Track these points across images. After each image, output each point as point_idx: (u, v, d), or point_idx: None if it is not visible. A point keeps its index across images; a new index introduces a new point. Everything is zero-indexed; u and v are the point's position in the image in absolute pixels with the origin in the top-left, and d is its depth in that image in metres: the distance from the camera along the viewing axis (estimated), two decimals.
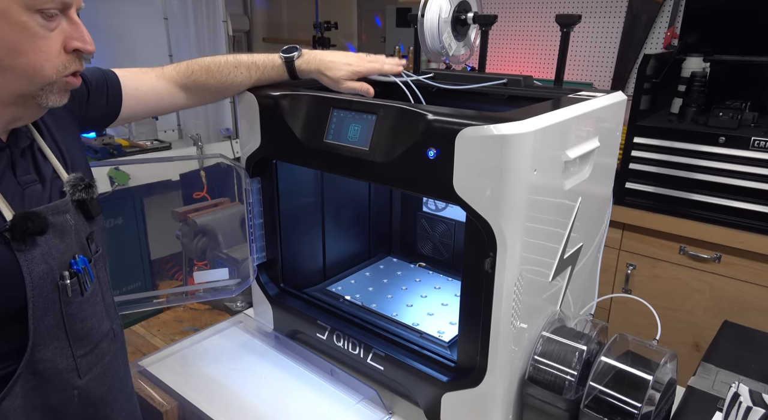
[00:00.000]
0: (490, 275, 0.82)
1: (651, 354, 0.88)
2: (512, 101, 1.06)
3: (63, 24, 0.72)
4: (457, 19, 1.15)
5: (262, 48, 4.28)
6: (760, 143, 1.67)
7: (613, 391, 0.84)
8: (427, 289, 1.32)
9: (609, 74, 2.49)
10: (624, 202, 1.95)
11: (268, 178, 1.16)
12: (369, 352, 1.04)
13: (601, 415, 0.84)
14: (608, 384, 0.85)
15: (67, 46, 0.73)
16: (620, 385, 0.85)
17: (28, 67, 0.70)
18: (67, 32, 0.73)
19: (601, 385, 0.85)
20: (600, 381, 0.86)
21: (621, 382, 0.85)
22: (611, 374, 0.86)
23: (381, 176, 0.92)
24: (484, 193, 0.78)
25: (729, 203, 1.76)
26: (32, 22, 0.68)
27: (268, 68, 1.09)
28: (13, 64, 0.69)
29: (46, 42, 0.71)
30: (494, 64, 2.79)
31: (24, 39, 0.69)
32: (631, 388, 0.84)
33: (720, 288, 1.83)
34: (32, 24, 0.69)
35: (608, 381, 0.86)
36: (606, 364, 0.87)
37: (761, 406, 0.84)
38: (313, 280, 1.33)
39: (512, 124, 0.75)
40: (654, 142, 1.87)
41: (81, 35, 0.74)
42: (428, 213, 1.44)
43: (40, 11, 0.69)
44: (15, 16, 0.67)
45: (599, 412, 0.84)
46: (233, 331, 1.28)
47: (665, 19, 2.30)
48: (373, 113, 0.91)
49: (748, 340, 1.06)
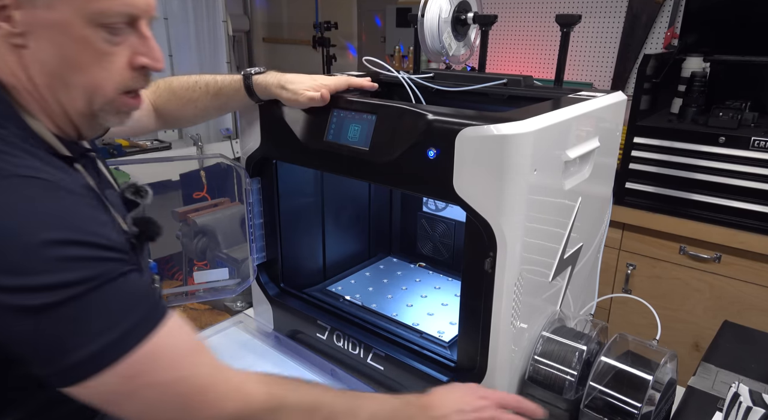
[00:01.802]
0: (490, 275, 0.82)
1: (651, 354, 0.88)
2: (512, 101, 1.06)
3: (131, 37, 0.67)
4: (457, 19, 1.15)
5: (262, 48, 4.28)
6: (760, 143, 1.67)
7: (613, 391, 0.84)
8: (427, 289, 1.32)
9: (609, 74, 2.49)
10: (624, 202, 1.95)
11: (268, 178, 1.16)
12: (369, 352, 1.04)
13: (601, 415, 0.84)
14: (608, 384, 0.85)
15: (133, 61, 0.68)
16: (620, 385, 0.85)
17: (87, 84, 0.66)
18: (134, 46, 0.67)
19: (601, 385, 0.85)
20: (600, 381, 0.85)
21: (621, 382, 0.85)
22: (611, 374, 0.86)
23: (381, 176, 0.92)
24: (484, 193, 0.78)
25: (729, 203, 1.76)
26: (95, 37, 0.64)
27: (226, 83, 1.02)
28: (73, 81, 0.65)
29: (109, 58, 0.66)
30: (494, 64, 2.79)
31: (85, 55, 0.64)
32: (631, 388, 0.84)
33: (720, 288, 1.83)
34: (95, 39, 0.64)
35: (608, 381, 0.86)
36: (606, 364, 0.87)
37: (761, 406, 0.84)
38: (313, 280, 1.33)
39: (512, 124, 0.75)
40: (654, 142, 1.87)
41: (150, 50, 0.69)
42: (428, 213, 1.44)
43: (104, 26, 0.64)
44: (76, 31, 0.63)
45: (599, 412, 0.84)
46: (233, 331, 1.28)
47: (665, 19, 2.30)
48: (374, 113, 0.91)
49: (748, 340, 1.06)
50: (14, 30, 0.62)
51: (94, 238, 0.58)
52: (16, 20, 0.61)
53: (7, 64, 0.64)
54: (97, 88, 0.67)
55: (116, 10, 0.64)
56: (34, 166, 0.60)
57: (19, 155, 0.60)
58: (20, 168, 0.58)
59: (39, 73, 0.64)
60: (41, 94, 0.66)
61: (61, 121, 0.69)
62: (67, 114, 0.68)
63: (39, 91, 0.65)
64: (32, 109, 0.66)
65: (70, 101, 0.67)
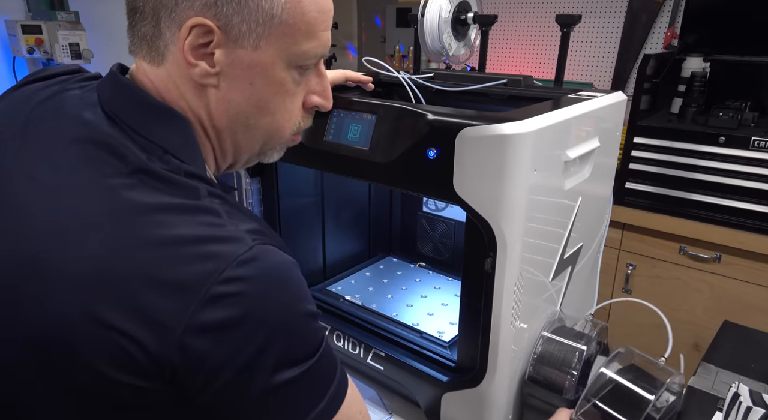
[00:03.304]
0: (490, 275, 0.82)
1: (657, 372, 0.84)
2: (512, 101, 1.06)
3: (311, 77, 0.65)
4: (457, 19, 1.15)
5: None
6: (760, 143, 1.67)
7: (610, 408, 0.80)
8: (427, 289, 1.32)
9: (609, 74, 2.49)
10: (624, 202, 1.95)
11: (268, 178, 1.16)
12: (369, 352, 1.04)
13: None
14: (605, 398, 0.81)
15: (306, 102, 0.65)
16: (618, 402, 0.80)
17: (270, 126, 0.63)
18: (310, 86, 0.65)
19: (598, 397, 0.81)
20: (596, 394, 0.82)
21: (619, 399, 0.81)
22: (609, 388, 0.82)
23: (381, 176, 0.92)
24: (484, 193, 0.78)
25: (729, 203, 1.76)
26: (288, 79, 0.61)
27: None
28: (258, 123, 0.62)
29: (292, 99, 0.63)
30: (494, 64, 2.79)
31: (276, 97, 0.61)
32: (629, 405, 0.80)
33: (720, 288, 1.83)
34: (288, 81, 0.61)
35: (606, 395, 0.82)
36: (605, 377, 0.83)
37: (761, 406, 0.84)
38: (313, 280, 1.33)
39: (512, 124, 0.75)
40: (654, 142, 1.87)
41: (324, 90, 0.66)
42: (428, 213, 1.44)
43: (299, 67, 0.61)
44: (276, 73, 0.60)
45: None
46: None
47: (665, 19, 2.30)
48: (374, 113, 0.91)
49: (748, 340, 1.07)
50: (211, 70, 0.58)
51: (315, 308, 0.57)
52: (215, 59, 0.57)
53: (188, 101, 0.60)
54: (279, 129, 0.64)
55: (316, 52, 0.62)
56: (255, 228, 0.55)
57: (234, 214, 0.55)
58: (251, 234, 0.54)
59: (223, 114, 0.61)
60: (219, 134, 0.62)
61: (223, 161, 0.66)
62: (236, 154, 0.65)
63: (217, 131, 0.62)
64: (204, 150, 0.62)
65: (248, 143, 0.64)
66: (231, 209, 0.56)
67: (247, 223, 0.55)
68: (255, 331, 0.50)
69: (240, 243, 0.52)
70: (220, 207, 0.55)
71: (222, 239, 0.51)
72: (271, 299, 0.51)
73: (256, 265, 0.51)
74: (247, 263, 0.50)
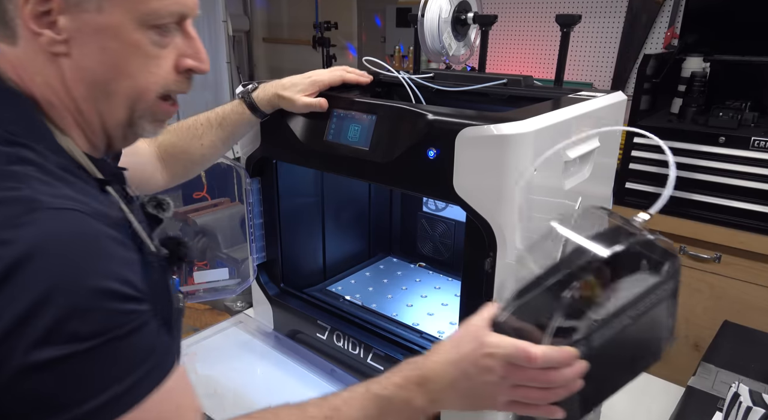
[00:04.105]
0: (490, 275, 0.82)
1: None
2: (512, 101, 1.06)
3: (177, 38, 0.63)
4: (457, 19, 1.15)
5: (262, 48, 4.28)
6: (760, 143, 1.67)
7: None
8: (427, 289, 1.32)
9: (609, 74, 2.49)
10: (624, 202, 1.95)
11: (268, 178, 1.16)
12: (369, 352, 1.04)
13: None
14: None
15: (179, 64, 0.64)
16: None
17: (132, 91, 0.61)
18: (180, 48, 0.63)
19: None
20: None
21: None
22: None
23: (381, 176, 0.92)
24: (484, 193, 0.78)
25: (729, 203, 1.76)
26: (145, 40, 0.59)
27: (227, 112, 1.00)
28: (118, 88, 0.61)
29: (156, 61, 0.61)
30: (494, 64, 2.79)
31: (134, 60, 0.60)
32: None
33: (720, 288, 1.83)
34: (145, 42, 0.59)
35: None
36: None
37: (761, 406, 0.84)
38: (313, 280, 1.33)
39: (512, 124, 0.75)
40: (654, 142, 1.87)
41: (196, 52, 0.64)
42: (428, 213, 1.44)
43: (155, 27, 0.60)
44: (127, 34, 0.58)
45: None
46: (233, 331, 1.28)
47: (665, 19, 2.30)
48: (373, 113, 0.91)
49: (748, 340, 1.07)
50: (58, 37, 0.56)
51: (124, 288, 0.52)
52: (60, 26, 0.56)
53: (43, 75, 0.59)
54: (142, 93, 0.62)
55: (169, 10, 0.60)
56: (66, 194, 0.53)
57: (51, 183, 0.54)
58: (56, 198, 0.52)
59: (79, 83, 0.59)
60: (78, 106, 0.61)
61: (94, 135, 0.64)
62: (104, 126, 0.64)
63: (76, 102, 0.61)
64: (64, 124, 0.61)
65: (111, 111, 0.62)
66: (49, 178, 0.54)
67: (63, 190, 0.53)
68: (15, 298, 0.47)
69: (16, 206, 0.49)
70: (34, 173, 0.53)
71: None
72: (43, 266, 0.48)
73: (32, 230, 0.49)
74: (17, 227, 0.48)
